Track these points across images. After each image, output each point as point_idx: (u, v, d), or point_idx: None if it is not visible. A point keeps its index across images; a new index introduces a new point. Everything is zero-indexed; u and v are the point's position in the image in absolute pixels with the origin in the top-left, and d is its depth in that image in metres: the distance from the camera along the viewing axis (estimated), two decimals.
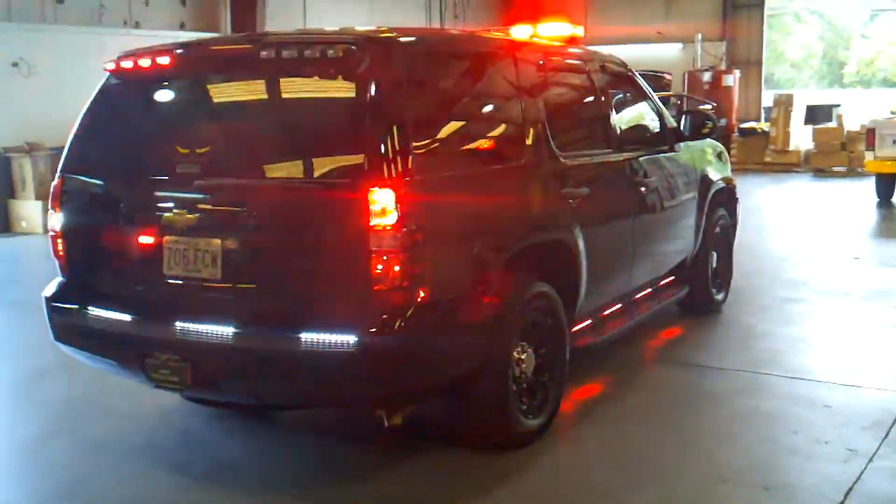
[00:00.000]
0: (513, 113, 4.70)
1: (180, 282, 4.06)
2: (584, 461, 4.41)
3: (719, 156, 7.25)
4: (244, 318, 3.91)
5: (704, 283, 6.84)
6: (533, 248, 4.53)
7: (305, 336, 3.70)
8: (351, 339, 3.64)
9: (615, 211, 5.44)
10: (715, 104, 17.33)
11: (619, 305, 5.66)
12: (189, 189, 4.04)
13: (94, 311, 4.32)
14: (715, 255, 7.02)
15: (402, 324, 3.70)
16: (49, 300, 4.51)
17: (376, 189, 3.65)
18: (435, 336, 3.88)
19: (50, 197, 4.53)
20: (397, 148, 3.74)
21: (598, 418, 4.91)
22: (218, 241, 3.95)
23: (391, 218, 3.65)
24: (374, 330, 3.67)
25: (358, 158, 3.77)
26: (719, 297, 7.10)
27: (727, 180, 7.20)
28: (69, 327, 4.44)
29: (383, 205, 3.64)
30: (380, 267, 3.66)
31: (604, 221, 5.28)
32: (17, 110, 12.78)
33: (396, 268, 3.67)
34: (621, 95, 5.96)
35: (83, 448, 4.64)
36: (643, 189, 5.68)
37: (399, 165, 3.72)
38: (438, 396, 4.30)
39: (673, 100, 17.09)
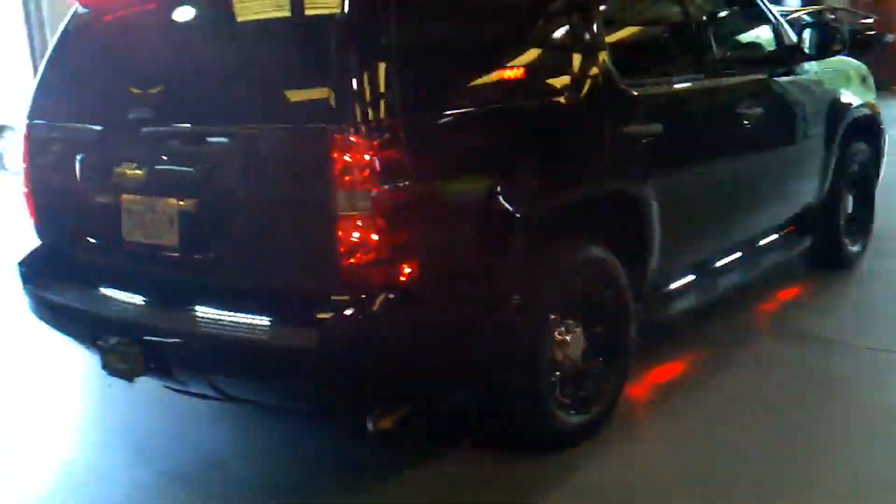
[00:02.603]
0: (551, 28, 3.69)
1: (138, 250, 3.37)
2: (644, 473, 3.43)
3: (862, 79, 5.94)
4: (198, 294, 3.18)
5: (835, 233, 5.63)
6: (581, 203, 3.57)
7: (259, 321, 2.93)
8: (310, 330, 2.84)
9: (705, 152, 4.35)
10: (875, 18, 15.26)
11: (714, 266, 4.61)
12: (139, 138, 3.32)
13: (60, 282, 3.72)
14: (851, 198, 5.80)
15: (380, 308, 2.84)
16: (21, 268, 3.94)
17: (343, 133, 2.79)
18: (428, 324, 3.00)
19: (21, 150, 3.93)
20: (377, 78, 2.85)
21: (678, 412, 3.90)
22: (174, 202, 3.21)
23: (363, 171, 2.79)
24: (341, 316, 2.83)
25: (324, 93, 2.92)
26: (855, 248, 5.84)
27: (870, 107, 5.90)
28: (40, 300, 3.85)
29: (352, 153, 2.79)
30: (353, 235, 2.81)
31: (689, 165, 4.21)
32: None
33: (373, 236, 2.81)
34: (720, 4, 4.83)
35: None
36: (746, 123, 4.55)
37: (380, 101, 2.84)
38: (441, 396, 3.44)
39: (826, 14, 15.18)
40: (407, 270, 2.87)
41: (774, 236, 5.21)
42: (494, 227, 3.17)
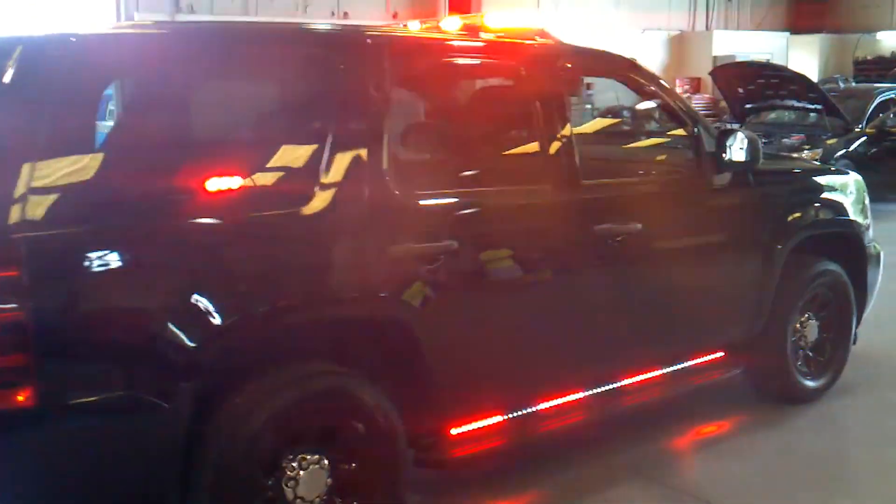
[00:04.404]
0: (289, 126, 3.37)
1: None
2: None
3: (847, 192, 5.23)
4: None
5: (780, 364, 4.95)
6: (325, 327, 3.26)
7: None
8: None
9: (517, 272, 3.81)
10: None
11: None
12: None
13: None
14: (815, 324, 5.10)
15: None
16: None
17: None
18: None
19: None
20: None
21: None
22: None
23: None
24: None
25: None
26: (811, 382, 5.09)
27: (845, 224, 5.20)
28: None
29: None
30: None
31: (488, 287, 3.73)
32: None
33: None
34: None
35: None
36: (604, 243, 4.02)
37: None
38: None
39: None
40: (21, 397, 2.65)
41: (683, 364, 4.62)
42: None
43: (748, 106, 13.07)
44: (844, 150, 12.15)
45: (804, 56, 20.95)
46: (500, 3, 15.56)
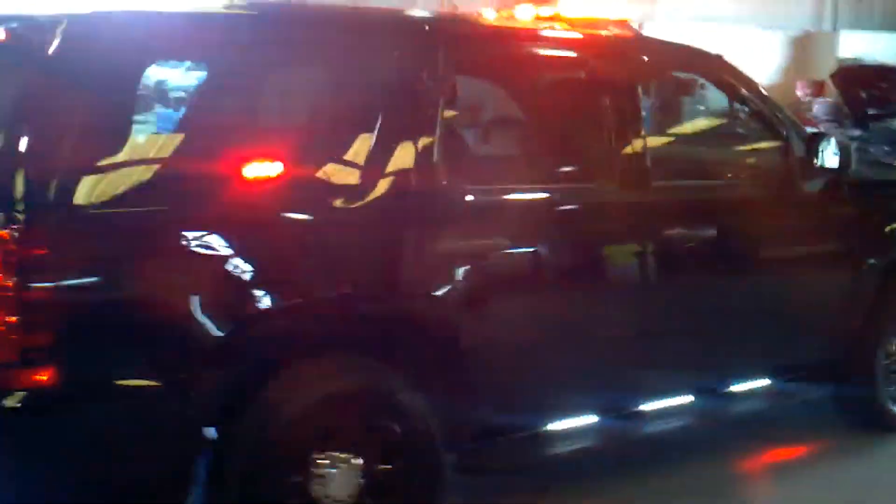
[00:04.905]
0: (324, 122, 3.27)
1: None
2: None
3: None
4: None
5: (870, 386, 4.59)
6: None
7: None
8: None
9: (569, 276, 3.60)
10: None
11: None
12: None
13: None
14: None
15: None
16: None
17: None
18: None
19: None
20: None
21: None
22: None
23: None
24: None
25: None
26: None
27: None
28: None
29: None
30: None
31: (540, 290, 3.53)
32: None
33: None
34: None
35: None
36: (672, 248, 3.80)
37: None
38: None
39: None
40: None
41: (761, 382, 4.34)
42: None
43: (871, 112, 12.37)
44: None
45: None
46: None
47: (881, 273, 4.46)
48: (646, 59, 3.98)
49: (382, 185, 3.16)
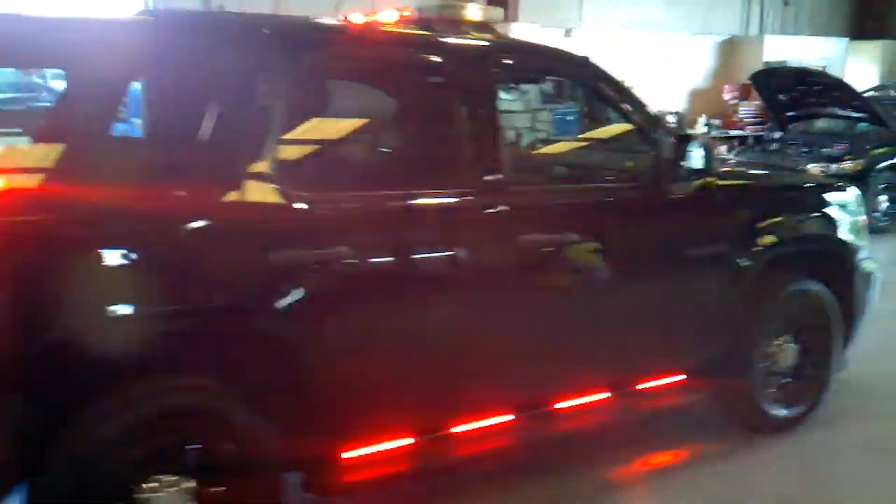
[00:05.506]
0: None
1: None
2: None
3: (831, 203, 4.83)
4: None
5: (744, 389, 4.57)
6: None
7: None
8: None
9: (411, 283, 3.45)
10: None
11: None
12: None
13: None
14: (791, 348, 4.70)
15: None
16: None
17: None
18: None
19: None
20: None
21: None
22: None
23: None
24: None
25: None
26: (783, 411, 4.71)
27: (830, 240, 4.80)
28: None
29: None
30: None
31: (377, 300, 3.37)
32: None
33: None
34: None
35: None
36: (530, 254, 3.73)
37: None
38: None
39: None
40: None
41: (632, 387, 4.28)
42: None
43: (790, 113, 12.51)
44: (891, 161, 11.54)
45: (864, 63, 20.08)
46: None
47: (755, 275, 4.43)
48: (505, 62, 3.90)
49: (208, 195, 3.04)
